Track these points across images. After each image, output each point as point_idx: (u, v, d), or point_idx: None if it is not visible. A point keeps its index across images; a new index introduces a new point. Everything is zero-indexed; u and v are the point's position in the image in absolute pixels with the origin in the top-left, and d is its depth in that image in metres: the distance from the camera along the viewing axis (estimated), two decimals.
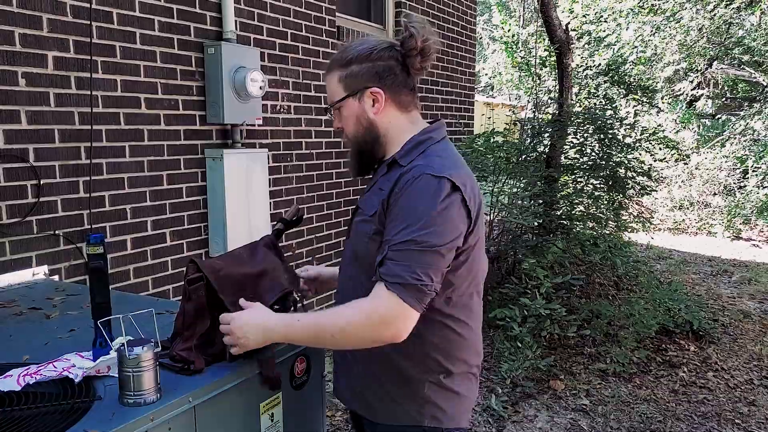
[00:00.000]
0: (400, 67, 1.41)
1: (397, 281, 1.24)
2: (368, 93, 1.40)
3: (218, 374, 1.39)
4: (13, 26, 2.41)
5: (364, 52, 1.40)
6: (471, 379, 1.49)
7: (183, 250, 3.18)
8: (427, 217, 1.25)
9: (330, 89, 1.46)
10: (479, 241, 1.41)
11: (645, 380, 3.81)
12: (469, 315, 1.44)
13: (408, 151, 1.40)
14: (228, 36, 3.27)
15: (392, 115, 1.43)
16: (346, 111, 1.43)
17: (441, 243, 1.26)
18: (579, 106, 5.00)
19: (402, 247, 1.25)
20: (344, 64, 1.42)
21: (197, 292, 1.41)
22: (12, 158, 2.42)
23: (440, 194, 1.27)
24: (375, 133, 1.43)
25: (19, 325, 1.81)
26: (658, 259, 7.19)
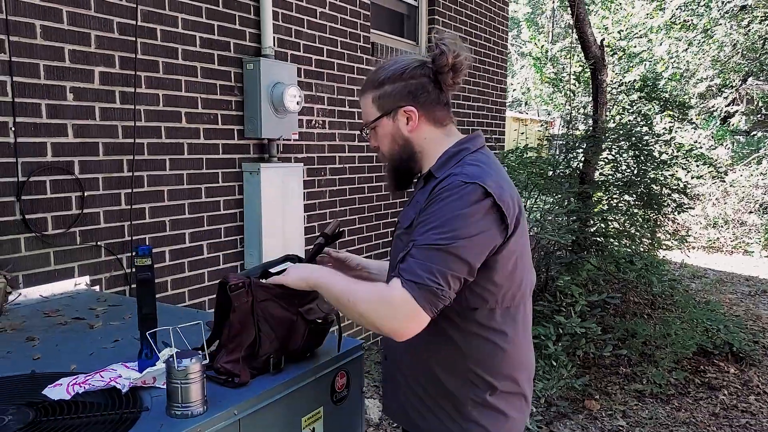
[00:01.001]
0: (433, 84, 1.42)
1: (413, 279, 1.23)
2: (401, 112, 1.42)
3: (262, 387, 1.39)
4: (64, 43, 2.48)
5: (397, 71, 1.42)
6: (520, 399, 1.45)
7: (219, 262, 3.21)
8: (454, 221, 1.25)
9: (365, 110, 1.48)
10: (523, 250, 1.39)
11: (683, 402, 3.71)
12: (516, 328, 1.41)
13: (443, 163, 1.41)
14: (266, 52, 3.32)
15: (427, 131, 1.44)
16: (381, 130, 1.46)
17: (466, 248, 1.24)
18: (613, 122, 4.93)
19: (425, 247, 1.25)
20: (377, 85, 1.44)
21: (240, 299, 1.42)
22: (58, 170, 2.49)
23: (470, 199, 1.26)
24: (410, 150, 1.45)
25: (64, 334, 1.85)
26: (692, 278, 7.02)
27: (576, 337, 3.65)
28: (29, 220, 2.39)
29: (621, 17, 10.91)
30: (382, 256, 4.55)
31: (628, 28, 10.74)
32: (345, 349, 1.66)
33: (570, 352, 3.71)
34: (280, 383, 1.44)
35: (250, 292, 1.44)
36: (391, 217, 4.62)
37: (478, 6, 5.62)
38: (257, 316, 1.44)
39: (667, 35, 10.87)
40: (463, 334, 1.36)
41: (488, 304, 1.35)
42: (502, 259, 1.33)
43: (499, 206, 1.28)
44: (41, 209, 2.43)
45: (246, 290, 1.43)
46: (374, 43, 4.33)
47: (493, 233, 1.29)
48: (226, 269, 3.25)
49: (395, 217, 4.62)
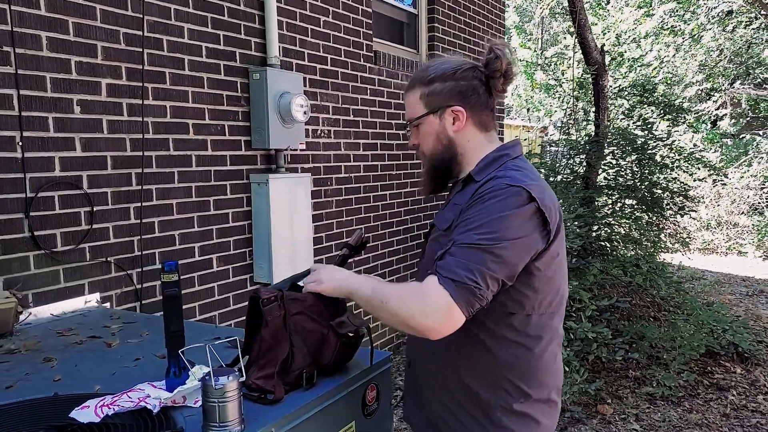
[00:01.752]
0: (483, 87, 1.41)
1: (451, 277, 1.20)
2: (449, 111, 1.41)
3: (297, 403, 1.36)
4: (70, 54, 2.44)
5: (448, 70, 1.41)
6: (550, 405, 1.43)
7: (229, 275, 3.16)
8: (497, 222, 1.23)
9: (410, 106, 1.46)
10: (562, 257, 1.38)
11: (694, 404, 3.70)
12: (550, 335, 1.39)
13: (483, 167, 1.39)
14: (272, 61, 3.29)
15: (471, 134, 1.43)
16: (426, 128, 1.44)
17: (507, 250, 1.22)
18: (613, 127, 4.96)
19: (466, 246, 1.23)
20: (426, 82, 1.42)
21: (272, 313, 1.38)
22: (66, 185, 2.43)
23: (515, 202, 1.25)
24: (453, 151, 1.43)
25: (81, 354, 1.79)
26: (691, 280, 7.05)
27: (587, 341, 3.63)
28: (38, 237, 2.33)
29: (610, 24, 11.01)
30: (388, 265, 4.52)
31: (618, 35, 10.85)
32: (374, 361, 1.63)
33: (581, 356, 3.69)
34: (313, 398, 1.40)
35: (283, 306, 1.41)
36: (396, 226, 4.59)
37: (476, 14, 5.64)
38: (290, 330, 1.41)
39: (656, 41, 10.99)
40: (496, 340, 1.34)
41: (525, 309, 1.33)
42: (543, 265, 1.31)
43: (542, 211, 1.27)
44: (50, 225, 2.38)
45: (278, 304, 1.40)
46: (377, 52, 4.33)
47: (535, 238, 1.27)
48: (235, 283, 3.20)
49: (401, 226, 4.60)
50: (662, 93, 7.75)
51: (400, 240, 4.65)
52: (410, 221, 4.74)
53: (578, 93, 5.09)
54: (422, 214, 4.89)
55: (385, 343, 4.47)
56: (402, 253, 4.66)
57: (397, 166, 4.56)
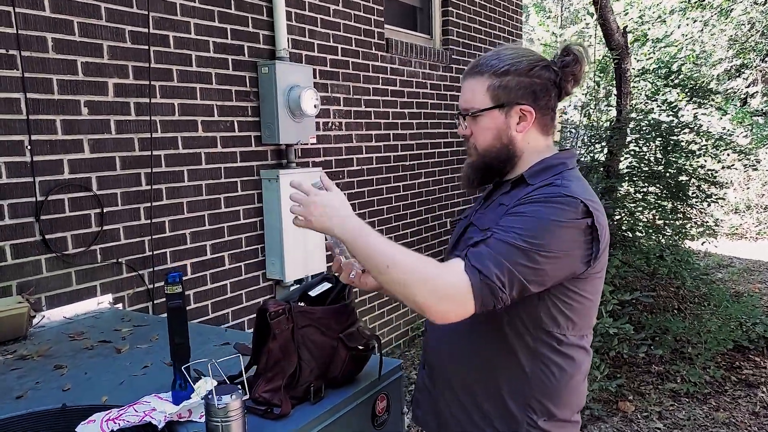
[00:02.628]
0: (555, 89, 1.32)
1: (479, 268, 1.12)
2: (518, 109, 1.30)
3: (305, 418, 1.33)
4: (76, 55, 2.41)
5: (523, 66, 1.30)
6: (573, 424, 1.38)
7: (241, 272, 3.14)
8: (545, 229, 1.15)
9: (472, 94, 1.33)
10: (602, 276, 1.31)
11: (721, 401, 3.59)
12: (582, 355, 1.34)
13: (538, 171, 1.30)
14: (281, 54, 3.23)
15: (533, 136, 1.33)
16: (487, 122, 1.32)
17: (547, 261, 1.15)
18: (635, 113, 4.79)
19: (504, 243, 1.14)
20: (499, 73, 1.29)
21: (280, 326, 1.35)
22: (76, 188, 2.42)
23: (569, 214, 1.17)
24: (511, 152, 1.33)
25: (92, 360, 1.79)
26: (718, 268, 6.87)
27: (608, 337, 3.54)
28: (49, 240, 2.33)
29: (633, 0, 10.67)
30: None
31: (641, 12, 10.50)
32: (384, 371, 1.59)
33: (602, 352, 3.60)
34: (321, 412, 1.38)
35: (291, 319, 1.37)
36: (410, 217, 4.52)
37: None
38: (298, 343, 1.38)
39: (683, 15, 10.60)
40: (533, 357, 1.28)
41: (567, 329, 1.27)
42: (591, 282, 1.26)
43: (596, 228, 1.19)
44: (61, 228, 2.37)
45: (286, 317, 1.36)
46: (389, 39, 4.23)
47: (578, 255, 1.19)
48: (248, 280, 3.18)
49: (415, 218, 4.53)
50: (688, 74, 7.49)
51: (414, 232, 4.58)
52: (424, 212, 4.67)
53: (599, 77, 4.91)
54: (437, 205, 4.82)
55: (399, 336, 4.43)
56: (417, 245, 4.60)
57: (410, 156, 4.48)
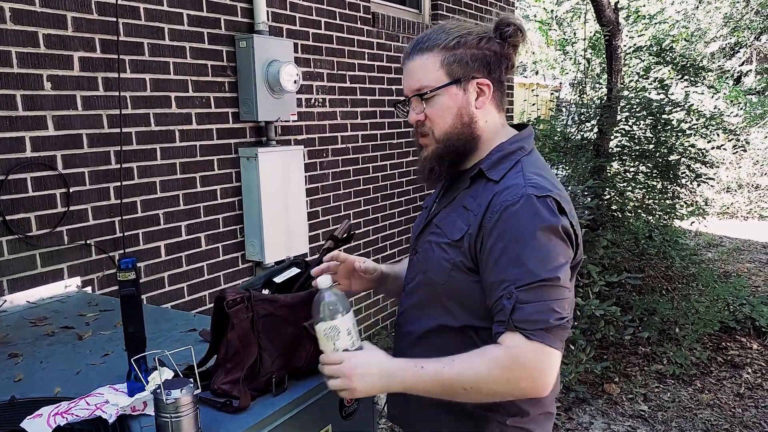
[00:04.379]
0: (505, 61, 1.25)
1: (540, 327, 1.06)
2: (474, 83, 1.21)
3: (264, 411, 1.26)
4: (37, 27, 2.28)
5: (472, 38, 1.21)
6: (548, 417, 1.32)
7: (219, 254, 3.06)
8: (545, 248, 1.09)
9: (423, 72, 1.22)
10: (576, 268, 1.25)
11: (706, 383, 3.58)
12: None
13: (496, 162, 1.22)
14: (260, 28, 3.10)
15: (490, 113, 1.25)
16: (446, 101, 1.21)
17: (564, 270, 1.11)
18: (627, 90, 4.69)
19: (532, 288, 1.08)
20: (449, 47, 1.20)
21: (238, 316, 1.28)
22: (40, 166, 2.32)
23: (548, 217, 1.10)
24: (472, 132, 1.23)
25: (50, 347, 1.72)
26: (708, 247, 6.85)
27: (594, 318, 3.50)
28: (10, 221, 2.23)
29: None
30: (389, 238, 4.39)
31: None
32: None
33: (589, 334, 3.57)
34: (283, 405, 1.32)
35: (250, 308, 1.30)
36: (397, 197, 4.44)
37: None
38: (258, 332, 1.31)
39: None
40: None
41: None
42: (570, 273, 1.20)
43: (572, 223, 1.15)
44: (23, 209, 2.27)
45: (245, 305, 1.29)
46: (375, 13, 4.09)
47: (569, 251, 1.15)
48: (226, 261, 3.10)
49: (402, 197, 4.44)
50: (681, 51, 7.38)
51: (402, 212, 4.50)
52: (412, 192, 4.59)
53: (590, 54, 4.80)
54: (424, 185, 4.73)
55: (368, 327, 4.39)
56: (404, 225, 4.52)
57: (398, 134, 4.38)
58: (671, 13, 10.40)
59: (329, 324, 1.17)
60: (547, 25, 10.57)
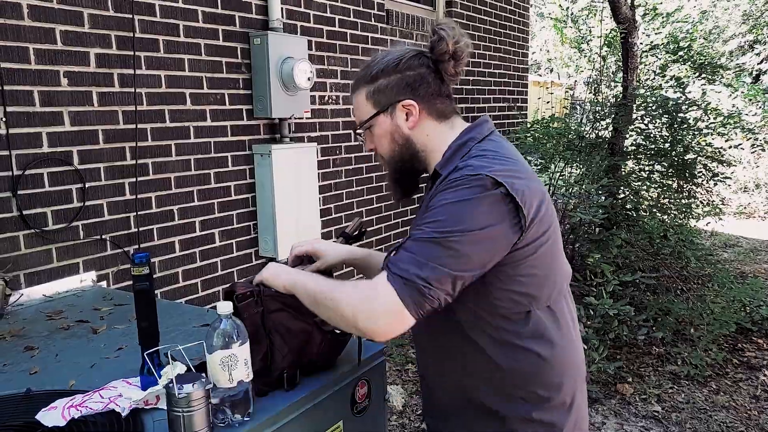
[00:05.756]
0: (433, 74, 1.27)
1: (400, 274, 1.08)
2: (400, 107, 1.27)
3: (276, 406, 1.27)
4: (54, 23, 2.31)
5: (391, 63, 1.27)
6: (576, 411, 1.30)
7: (233, 250, 3.08)
8: (457, 213, 1.09)
9: (358, 109, 1.33)
10: (552, 243, 1.21)
11: (722, 384, 3.53)
12: (559, 329, 1.24)
13: (448, 158, 1.24)
14: (274, 25, 3.11)
15: (429, 126, 1.29)
16: (378, 129, 1.30)
17: (470, 243, 1.08)
18: (643, 88, 4.64)
19: (420, 240, 1.10)
20: (370, 80, 1.29)
21: (248, 310, 1.28)
22: (56, 162, 2.34)
23: (476, 191, 1.10)
24: (413, 149, 1.30)
25: (65, 341, 1.74)
26: (724, 247, 6.75)
27: (608, 318, 3.47)
28: (27, 216, 2.26)
29: None
30: (401, 235, 4.39)
31: None
32: (366, 356, 1.52)
33: (602, 334, 3.53)
34: (295, 400, 1.32)
35: (260, 302, 1.30)
36: None
37: None
38: (268, 328, 1.31)
39: None
40: (499, 347, 1.21)
41: (523, 307, 1.19)
42: (533, 253, 1.16)
43: (513, 197, 1.10)
44: (40, 204, 2.30)
45: (255, 300, 1.30)
46: (389, 11, 4.09)
47: (505, 227, 1.11)
48: (240, 257, 3.12)
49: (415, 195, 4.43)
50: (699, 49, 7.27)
51: (414, 210, 4.50)
52: (421, 190, 4.58)
53: (606, 52, 4.75)
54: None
55: None
56: None
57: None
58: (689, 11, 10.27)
59: (228, 352, 1.15)
60: (562, 22, 10.49)
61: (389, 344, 3.83)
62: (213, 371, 1.16)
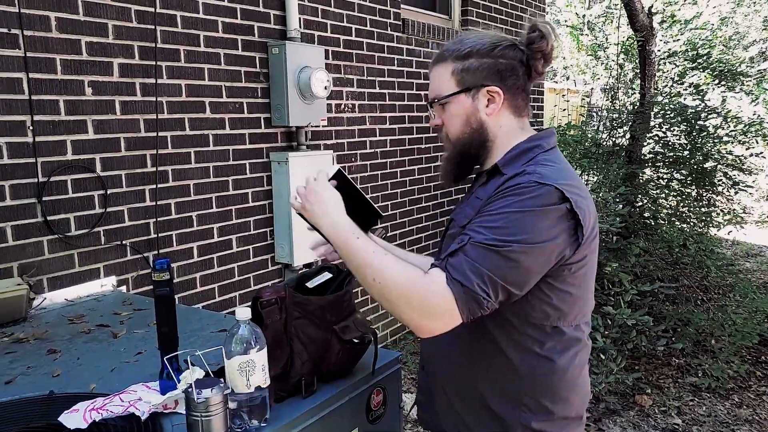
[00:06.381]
0: (523, 68, 1.25)
1: (460, 280, 1.06)
2: (484, 91, 1.24)
3: (293, 412, 1.28)
4: (80, 35, 2.36)
5: (486, 46, 1.24)
6: (576, 421, 1.30)
7: (249, 256, 3.11)
8: (520, 223, 1.08)
9: (438, 82, 1.29)
10: (591, 266, 1.23)
11: (745, 397, 3.46)
12: (579, 346, 1.26)
13: (512, 158, 1.24)
14: (292, 35, 3.15)
15: (505, 119, 1.27)
16: (455, 108, 1.27)
17: (528, 256, 1.08)
18: (661, 96, 4.60)
19: (481, 247, 1.08)
20: (461, 57, 1.25)
21: (272, 317, 1.30)
22: (79, 169, 2.39)
23: (542, 201, 1.09)
24: (483, 137, 1.27)
25: (87, 345, 1.77)
26: (746, 257, 6.65)
27: (626, 328, 3.43)
28: (51, 222, 2.31)
29: None
30: (416, 242, 4.39)
31: None
32: (381, 363, 1.53)
33: (620, 344, 3.50)
34: (312, 407, 1.33)
35: (284, 309, 1.32)
36: (425, 201, 4.44)
37: None
38: (290, 334, 1.33)
39: None
40: (522, 353, 1.21)
41: (552, 321, 1.20)
42: (574, 272, 1.17)
43: (576, 213, 1.11)
44: (63, 210, 2.35)
45: (278, 306, 1.31)
46: (405, 20, 4.11)
47: (563, 243, 1.12)
48: (256, 263, 3.15)
49: (430, 201, 4.44)
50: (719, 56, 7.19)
51: (429, 216, 4.50)
52: (440, 196, 4.58)
53: (623, 59, 4.72)
54: (453, 189, 4.72)
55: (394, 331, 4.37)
56: (431, 229, 4.52)
57: (426, 139, 4.38)
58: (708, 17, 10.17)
59: (246, 358, 1.15)
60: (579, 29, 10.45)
61: (405, 352, 3.83)
62: (231, 376, 1.18)
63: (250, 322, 1.20)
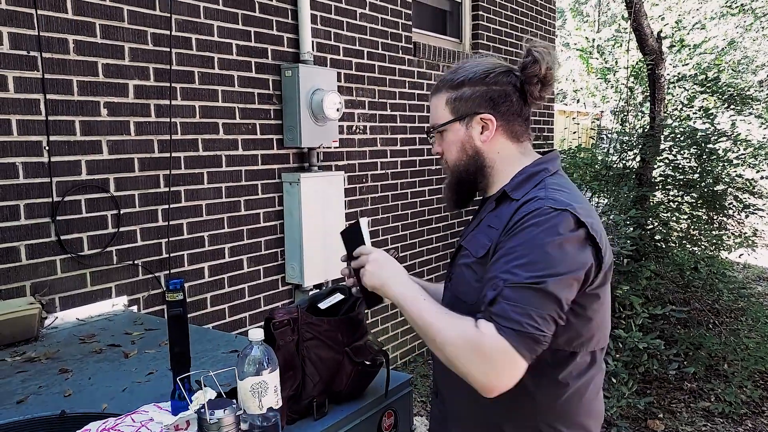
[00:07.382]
0: (518, 94, 1.26)
1: (512, 327, 1.06)
2: (478, 119, 1.26)
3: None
4: (97, 57, 2.41)
5: (479, 74, 1.26)
6: None
7: (260, 276, 3.11)
8: (547, 255, 1.08)
9: (435, 111, 1.33)
10: (608, 288, 1.22)
11: (758, 423, 3.41)
12: (596, 372, 1.25)
13: (520, 183, 1.24)
14: (305, 57, 3.20)
15: (502, 145, 1.28)
16: (451, 136, 1.30)
17: (561, 285, 1.08)
18: (671, 119, 4.61)
19: (518, 287, 1.07)
20: (455, 86, 1.28)
21: (284, 338, 1.30)
22: (94, 189, 2.42)
23: (563, 229, 1.10)
24: (480, 164, 1.29)
25: (98, 364, 1.77)
26: (758, 280, 6.58)
27: (637, 352, 3.40)
28: (65, 241, 2.33)
29: (672, 4, 10.37)
30: (427, 263, 4.39)
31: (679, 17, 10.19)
32: (392, 386, 1.52)
33: (631, 368, 3.45)
34: (323, 429, 1.33)
35: (296, 330, 1.32)
36: (435, 223, 4.45)
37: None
38: (302, 356, 1.33)
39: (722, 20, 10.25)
40: (537, 379, 1.19)
41: (572, 347, 1.19)
42: (593, 297, 1.17)
43: (593, 236, 1.12)
44: (77, 229, 2.37)
45: (291, 328, 1.31)
46: (416, 43, 4.16)
47: (589, 269, 1.12)
48: (266, 284, 3.15)
49: (440, 223, 4.45)
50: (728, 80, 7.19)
51: (439, 237, 4.50)
52: (450, 218, 4.59)
53: (633, 83, 4.74)
54: (464, 210, 4.72)
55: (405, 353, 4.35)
56: (442, 251, 4.51)
57: (436, 161, 4.40)
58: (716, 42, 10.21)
59: (258, 379, 1.15)
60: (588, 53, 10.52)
61: (415, 374, 3.80)
62: (243, 397, 1.17)
63: (263, 343, 1.21)
